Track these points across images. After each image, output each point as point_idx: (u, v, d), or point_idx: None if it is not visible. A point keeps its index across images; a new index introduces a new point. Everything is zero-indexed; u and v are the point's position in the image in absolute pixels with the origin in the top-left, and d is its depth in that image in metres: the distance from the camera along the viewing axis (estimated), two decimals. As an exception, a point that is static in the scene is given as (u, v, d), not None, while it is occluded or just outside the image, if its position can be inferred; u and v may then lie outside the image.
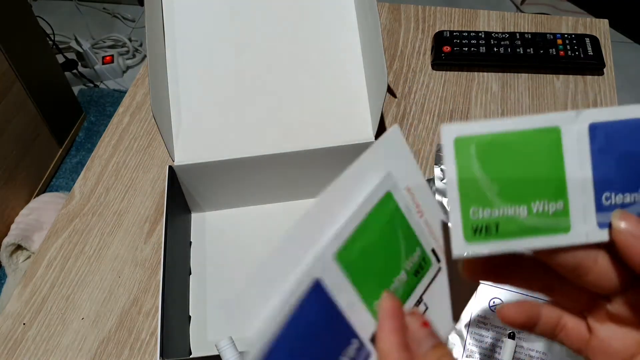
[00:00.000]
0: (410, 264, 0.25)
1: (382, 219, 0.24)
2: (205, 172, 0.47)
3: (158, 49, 0.47)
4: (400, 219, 0.25)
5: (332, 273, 0.22)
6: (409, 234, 0.25)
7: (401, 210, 0.25)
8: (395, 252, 0.25)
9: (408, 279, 0.25)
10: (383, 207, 0.25)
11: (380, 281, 0.24)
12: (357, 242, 0.23)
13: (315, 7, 0.50)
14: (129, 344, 0.44)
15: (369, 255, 0.24)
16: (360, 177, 0.25)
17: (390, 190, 0.25)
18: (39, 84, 1.24)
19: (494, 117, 0.58)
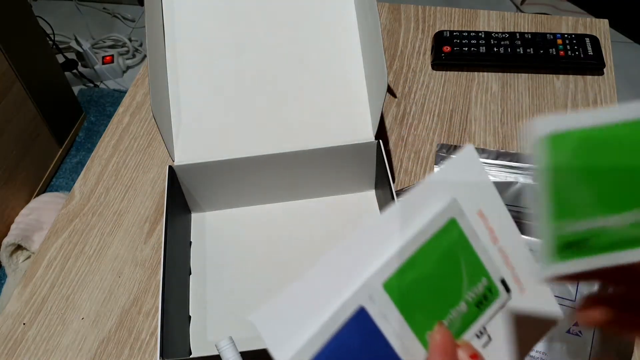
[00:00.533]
0: (473, 294, 0.24)
1: (441, 248, 0.23)
2: (205, 172, 0.47)
3: (158, 49, 0.47)
4: (464, 247, 0.24)
5: (379, 302, 0.22)
6: (474, 263, 0.24)
7: (466, 237, 0.24)
8: (454, 281, 0.24)
9: (468, 310, 0.24)
10: (445, 234, 0.24)
11: (433, 312, 0.23)
12: (410, 271, 0.23)
13: (315, 7, 0.50)
14: (129, 344, 0.44)
15: (421, 285, 0.23)
16: (425, 199, 0.23)
17: (454, 217, 0.24)
18: (39, 84, 1.24)
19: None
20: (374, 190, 0.52)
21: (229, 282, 0.47)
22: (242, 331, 0.44)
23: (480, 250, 0.24)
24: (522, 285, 0.26)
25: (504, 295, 0.25)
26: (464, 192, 0.24)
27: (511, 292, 0.25)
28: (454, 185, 0.24)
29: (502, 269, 0.25)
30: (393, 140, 0.56)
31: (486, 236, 0.25)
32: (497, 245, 0.25)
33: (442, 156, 0.52)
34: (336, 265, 0.22)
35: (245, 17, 0.50)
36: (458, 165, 0.25)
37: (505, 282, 0.25)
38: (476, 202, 0.25)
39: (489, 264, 0.24)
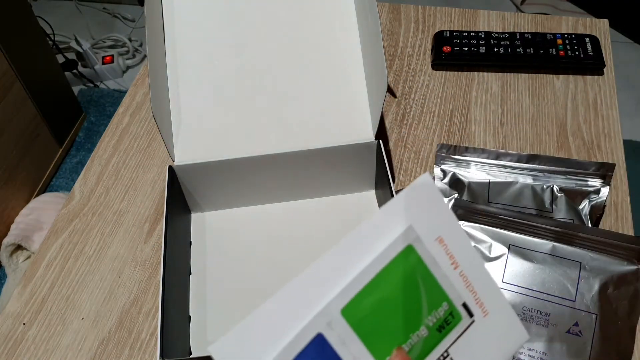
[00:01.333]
0: (434, 319, 0.24)
1: (399, 273, 0.24)
2: (205, 172, 0.47)
3: (158, 49, 0.47)
4: (422, 273, 0.24)
5: (337, 328, 0.22)
6: (434, 288, 0.24)
7: (425, 263, 0.24)
8: (414, 306, 0.24)
9: (429, 334, 0.24)
10: (402, 260, 0.24)
11: (394, 337, 0.23)
12: (368, 296, 0.23)
13: (315, 7, 0.50)
14: (129, 344, 0.44)
15: (380, 310, 0.23)
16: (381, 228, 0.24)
17: (411, 244, 0.24)
18: (39, 84, 1.24)
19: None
20: (374, 190, 0.52)
21: (229, 282, 0.47)
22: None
23: (439, 276, 0.25)
24: (485, 308, 0.26)
25: (466, 319, 0.25)
26: (422, 220, 0.25)
27: (474, 315, 0.26)
28: (412, 213, 0.25)
29: (463, 294, 0.25)
30: (393, 140, 0.56)
31: (446, 262, 0.25)
32: (458, 270, 0.25)
33: (442, 156, 0.52)
34: (297, 293, 0.22)
35: (245, 17, 0.50)
36: (414, 193, 0.25)
37: (467, 306, 0.25)
38: (435, 229, 0.25)
39: (450, 288, 0.25)
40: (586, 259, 0.41)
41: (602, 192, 0.47)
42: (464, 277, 0.25)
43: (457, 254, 0.25)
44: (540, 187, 0.48)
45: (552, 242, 0.41)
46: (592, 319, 0.39)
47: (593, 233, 0.41)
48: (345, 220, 0.50)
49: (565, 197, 0.47)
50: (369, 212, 0.50)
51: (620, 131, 0.56)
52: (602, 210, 0.49)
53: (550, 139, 0.55)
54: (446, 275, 0.25)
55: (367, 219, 0.24)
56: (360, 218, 0.50)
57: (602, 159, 0.54)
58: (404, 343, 0.23)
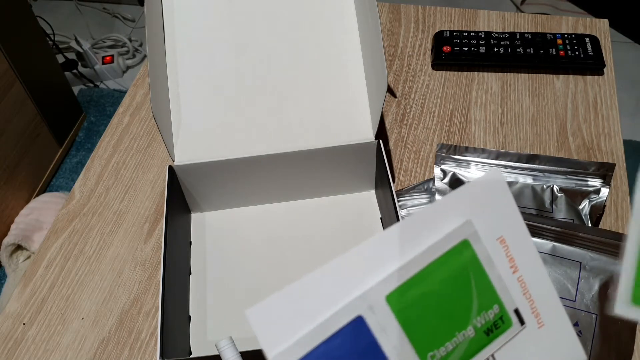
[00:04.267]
0: (483, 320, 0.23)
1: (451, 268, 0.23)
2: (205, 172, 0.47)
3: (158, 49, 0.47)
4: (476, 271, 0.23)
5: (379, 313, 0.21)
6: (487, 289, 0.23)
7: (479, 261, 0.23)
8: (463, 304, 0.23)
9: (476, 335, 0.23)
10: (456, 255, 0.23)
11: (438, 332, 0.22)
12: (416, 286, 0.22)
13: (315, 7, 0.50)
14: (129, 344, 0.44)
15: (427, 303, 0.22)
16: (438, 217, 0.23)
17: (467, 239, 0.23)
18: (39, 84, 1.24)
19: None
20: (374, 190, 0.52)
21: (229, 282, 0.47)
22: (242, 331, 0.44)
23: (493, 276, 0.24)
24: (541, 319, 0.25)
25: (517, 326, 0.24)
26: (484, 216, 0.24)
27: (526, 324, 0.24)
28: (474, 207, 0.24)
29: (518, 300, 0.24)
30: (393, 140, 0.56)
31: (505, 264, 0.24)
32: (517, 274, 0.24)
33: (442, 156, 0.52)
34: (341, 271, 0.22)
35: (245, 17, 0.50)
36: (481, 188, 0.24)
37: (520, 312, 0.24)
38: (498, 228, 0.24)
39: (503, 291, 0.24)
40: (586, 259, 0.41)
41: (602, 192, 0.47)
42: (521, 283, 0.24)
43: (518, 258, 0.24)
44: (540, 187, 0.48)
45: (552, 242, 0.41)
46: (592, 319, 0.39)
47: (593, 233, 0.41)
48: (345, 220, 0.50)
49: (565, 197, 0.47)
50: (369, 212, 0.50)
51: (620, 131, 0.56)
52: (602, 210, 0.49)
53: (550, 139, 0.55)
54: (501, 277, 0.24)
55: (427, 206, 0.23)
56: (361, 218, 0.50)
57: (602, 159, 0.54)
58: (449, 341, 0.23)
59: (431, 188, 0.51)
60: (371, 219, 0.50)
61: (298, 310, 0.21)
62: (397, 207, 0.42)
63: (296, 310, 0.21)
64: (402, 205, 0.50)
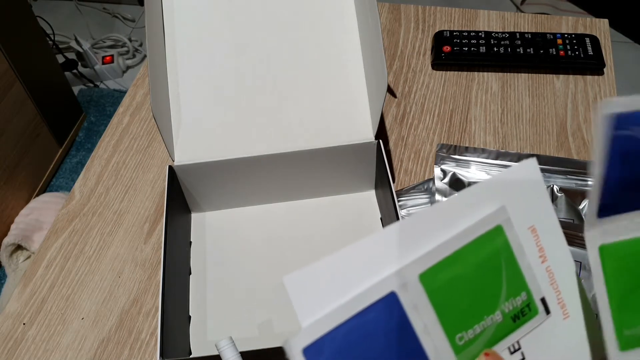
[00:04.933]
0: (510, 306, 0.24)
1: (484, 252, 0.23)
2: (205, 172, 0.47)
3: (158, 49, 0.47)
4: (507, 257, 0.23)
5: (412, 291, 0.22)
6: (516, 275, 0.24)
7: (511, 247, 0.24)
8: (493, 289, 0.23)
9: (503, 321, 0.23)
10: (489, 240, 0.23)
11: (467, 314, 0.23)
12: (448, 268, 0.22)
13: (315, 7, 0.50)
14: (129, 344, 0.44)
15: (458, 285, 0.22)
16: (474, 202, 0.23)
17: (501, 225, 0.23)
18: (39, 84, 1.24)
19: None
20: (374, 190, 0.52)
21: (229, 282, 0.47)
22: (242, 331, 0.44)
23: (523, 264, 0.24)
24: (567, 310, 0.25)
25: (543, 315, 0.24)
26: (517, 204, 0.24)
27: (551, 313, 0.25)
28: (508, 194, 0.24)
29: (545, 289, 0.24)
30: (393, 140, 0.56)
31: (535, 253, 0.24)
32: (545, 264, 0.24)
33: (442, 156, 0.52)
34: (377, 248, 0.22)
35: (245, 17, 0.50)
36: (516, 175, 0.24)
37: (546, 302, 0.24)
38: (530, 217, 0.24)
39: (532, 280, 0.24)
40: (586, 259, 0.40)
41: (602, 192, 0.47)
42: (549, 273, 0.24)
43: (548, 248, 0.24)
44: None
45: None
46: (592, 319, 0.39)
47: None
48: (345, 220, 0.50)
49: (565, 197, 0.47)
50: (369, 212, 0.50)
51: (620, 131, 0.56)
52: (602, 210, 0.49)
53: (550, 139, 0.55)
54: (531, 265, 0.24)
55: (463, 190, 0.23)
56: (361, 218, 0.50)
57: (602, 159, 0.53)
58: (477, 323, 0.23)
59: (431, 188, 0.51)
60: (371, 219, 0.50)
61: (334, 282, 0.21)
62: (397, 207, 0.42)
63: (332, 282, 0.21)
64: (402, 205, 0.50)
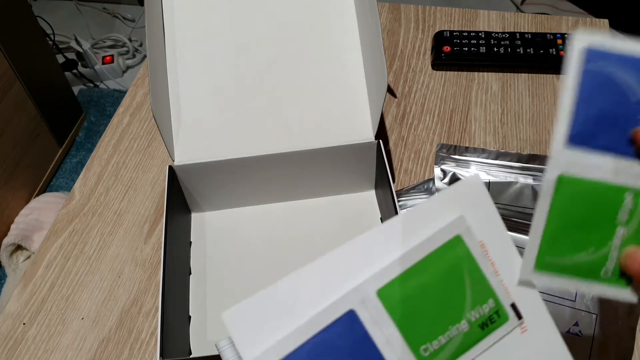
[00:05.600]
0: (477, 314, 0.23)
1: (444, 262, 0.23)
2: (205, 172, 0.47)
3: (158, 49, 0.47)
4: (470, 265, 0.23)
5: (370, 307, 0.22)
6: (481, 283, 0.24)
7: (473, 256, 0.24)
8: (456, 299, 0.23)
9: (470, 329, 0.23)
10: (449, 250, 0.23)
11: (432, 326, 0.23)
12: (408, 281, 0.22)
13: (315, 7, 0.50)
14: (129, 344, 0.44)
15: (420, 297, 0.23)
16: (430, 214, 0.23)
17: (460, 234, 0.23)
18: (39, 84, 1.24)
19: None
20: (374, 190, 0.52)
21: (229, 282, 0.47)
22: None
23: (488, 272, 0.24)
24: (525, 324, 0.25)
25: (514, 320, 0.24)
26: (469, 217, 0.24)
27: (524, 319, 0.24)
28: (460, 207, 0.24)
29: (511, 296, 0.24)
30: (393, 140, 0.56)
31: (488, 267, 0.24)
32: (499, 277, 0.24)
33: (442, 156, 0.52)
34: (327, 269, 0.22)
35: (245, 17, 0.50)
36: (464, 189, 0.24)
37: (517, 307, 0.24)
38: (479, 232, 0.24)
39: (498, 287, 0.24)
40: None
41: (602, 192, 0.47)
42: (505, 287, 0.24)
43: (499, 263, 0.24)
44: (540, 187, 0.48)
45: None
46: (592, 319, 0.39)
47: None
48: (345, 220, 0.50)
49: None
50: (369, 212, 0.51)
51: (620, 131, 0.56)
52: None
53: (550, 139, 0.55)
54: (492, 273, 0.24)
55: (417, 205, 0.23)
56: (361, 218, 0.50)
57: (602, 159, 0.53)
58: (442, 334, 0.23)
59: (431, 188, 0.51)
60: (371, 219, 0.50)
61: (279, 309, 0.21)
62: (397, 207, 0.41)
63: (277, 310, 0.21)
64: (402, 205, 0.50)
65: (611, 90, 0.23)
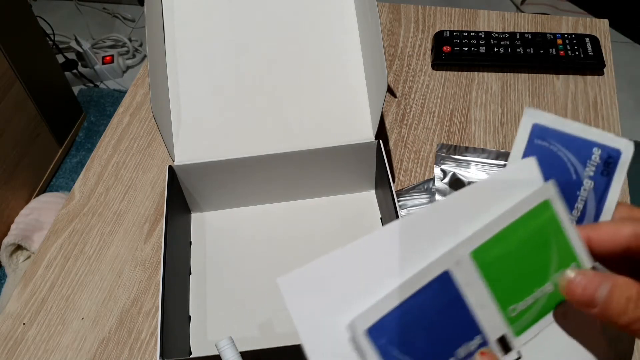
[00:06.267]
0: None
1: (531, 227, 0.24)
2: (205, 172, 0.47)
3: (158, 49, 0.47)
4: (555, 230, 0.24)
5: (465, 269, 0.23)
6: (565, 248, 0.24)
7: (559, 221, 0.24)
8: (542, 262, 0.24)
9: (554, 291, 0.24)
10: (537, 214, 0.24)
11: (519, 288, 0.24)
12: (499, 244, 0.23)
13: (315, 7, 0.50)
14: (129, 344, 0.44)
15: (508, 260, 0.23)
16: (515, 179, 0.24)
17: (548, 199, 0.24)
18: (39, 84, 1.24)
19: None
20: (374, 190, 0.52)
21: (229, 282, 0.47)
22: (242, 331, 0.44)
23: (572, 236, 0.25)
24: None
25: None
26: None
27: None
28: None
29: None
30: (393, 140, 0.56)
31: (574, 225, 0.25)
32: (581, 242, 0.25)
33: (442, 156, 0.52)
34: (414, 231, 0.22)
35: (245, 17, 0.50)
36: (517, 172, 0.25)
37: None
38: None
39: (580, 250, 0.25)
40: None
41: (602, 192, 0.47)
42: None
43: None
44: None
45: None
46: (592, 319, 0.39)
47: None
48: (345, 220, 0.50)
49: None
50: (369, 212, 0.50)
51: (621, 131, 0.56)
52: (602, 210, 0.49)
53: (550, 139, 0.55)
54: (579, 237, 0.25)
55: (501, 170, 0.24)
56: (361, 218, 0.50)
57: (602, 159, 0.53)
58: (529, 295, 0.24)
59: (431, 188, 0.51)
60: (371, 219, 0.50)
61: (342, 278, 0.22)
62: (397, 207, 0.41)
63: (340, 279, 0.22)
64: (402, 205, 0.50)
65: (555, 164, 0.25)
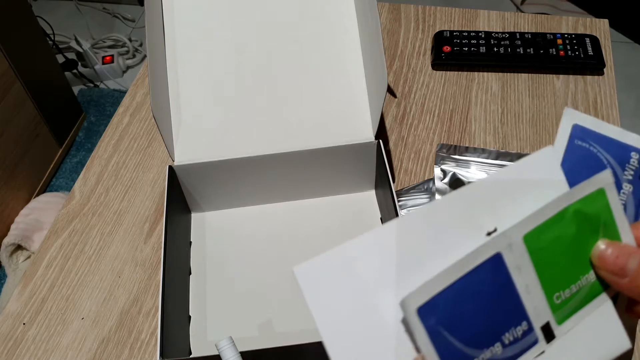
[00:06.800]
0: None
1: (584, 214, 0.24)
2: (205, 172, 0.47)
3: (158, 49, 0.47)
4: (606, 219, 0.24)
5: (516, 252, 0.22)
6: (613, 238, 0.24)
7: (611, 210, 0.24)
8: (590, 250, 0.24)
9: (597, 280, 0.24)
10: (590, 202, 0.24)
11: (566, 275, 0.24)
12: (551, 229, 0.23)
13: (315, 7, 0.50)
14: (129, 344, 0.44)
15: (559, 245, 0.23)
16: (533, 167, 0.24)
17: (604, 188, 0.24)
18: (39, 84, 1.24)
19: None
20: (374, 190, 0.52)
21: (229, 282, 0.47)
22: (242, 331, 0.44)
23: (622, 227, 0.25)
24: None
25: None
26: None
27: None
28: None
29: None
30: (393, 140, 0.56)
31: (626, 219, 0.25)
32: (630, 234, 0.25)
33: (442, 156, 0.52)
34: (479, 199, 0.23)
35: (245, 17, 0.50)
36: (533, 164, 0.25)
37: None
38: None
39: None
40: None
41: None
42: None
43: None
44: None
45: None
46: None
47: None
48: (345, 220, 0.50)
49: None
50: (369, 212, 0.50)
51: (620, 131, 0.56)
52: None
53: (550, 139, 0.55)
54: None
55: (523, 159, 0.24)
56: (361, 218, 0.50)
57: (602, 159, 0.53)
58: (574, 283, 0.24)
59: (431, 188, 0.51)
60: (371, 219, 0.50)
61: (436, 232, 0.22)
62: (397, 207, 0.42)
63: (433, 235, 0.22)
64: (402, 205, 0.50)
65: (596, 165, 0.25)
